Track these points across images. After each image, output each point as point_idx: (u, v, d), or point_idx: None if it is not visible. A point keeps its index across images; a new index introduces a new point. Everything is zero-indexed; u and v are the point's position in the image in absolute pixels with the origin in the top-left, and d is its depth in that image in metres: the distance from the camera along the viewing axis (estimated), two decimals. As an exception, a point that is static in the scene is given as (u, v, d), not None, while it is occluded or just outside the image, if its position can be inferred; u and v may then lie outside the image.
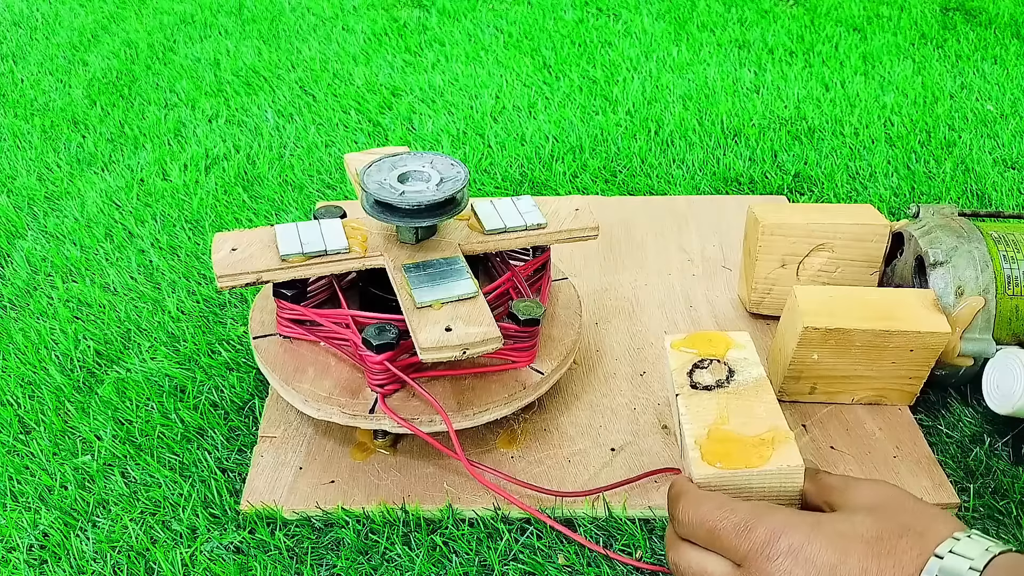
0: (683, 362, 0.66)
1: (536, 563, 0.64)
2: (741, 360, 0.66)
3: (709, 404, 0.63)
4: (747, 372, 0.65)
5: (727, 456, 0.58)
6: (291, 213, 1.03)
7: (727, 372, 0.65)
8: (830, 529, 0.50)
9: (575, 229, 0.75)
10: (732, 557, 0.52)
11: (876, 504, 0.52)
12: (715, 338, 0.68)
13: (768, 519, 0.51)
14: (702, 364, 0.66)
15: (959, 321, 0.74)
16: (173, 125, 1.21)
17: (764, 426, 0.60)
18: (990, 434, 0.76)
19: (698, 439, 0.60)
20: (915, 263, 0.80)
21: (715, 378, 0.65)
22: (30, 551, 0.65)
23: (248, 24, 1.53)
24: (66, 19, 1.53)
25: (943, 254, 0.75)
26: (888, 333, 0.71)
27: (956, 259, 0.75)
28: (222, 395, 0.77)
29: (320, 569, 0.63)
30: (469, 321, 0.63)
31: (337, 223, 0.73)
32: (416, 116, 1.24)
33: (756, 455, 0.58)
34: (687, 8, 1.61)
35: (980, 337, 0.74)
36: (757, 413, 0.62)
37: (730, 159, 1.15)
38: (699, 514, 0.54)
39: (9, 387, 0.78)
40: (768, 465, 0.57)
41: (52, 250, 0.95)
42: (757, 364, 0.66)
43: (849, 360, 0.74)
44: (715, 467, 0.57)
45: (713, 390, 0.64)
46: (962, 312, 0.73)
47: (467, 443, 0.72)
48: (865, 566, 0.47)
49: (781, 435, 0.60)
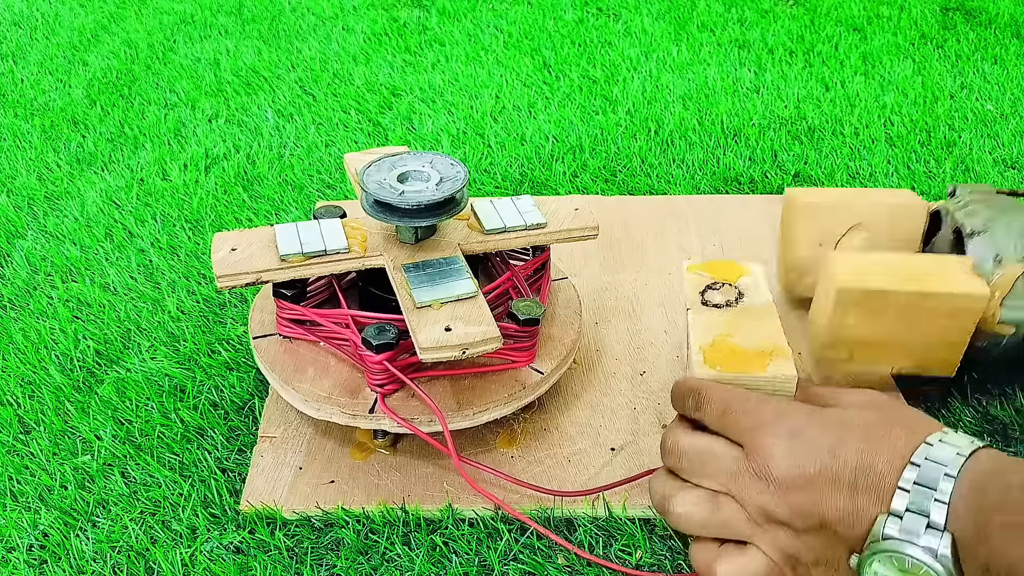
0: (697, 283, 0.72)
1: (536, 563, 0.64)
2: (751, 286, 0.72)
3: (717, 319, 0.68)
4: (755, 297, 0.70)
5: (727, 363, 0.64)
6: (291, 213, 1.03)
7: (736, 294, 0.71)
8: (829, 416, 0.55)
9: (575, 229, 0.75)
10: (737, 437, 0.57)
11: (869, 402, 0.57)
12: (729, 265, 0.74)
13: (775, 403, 0.57)
14: (714, 286, 0.72)
15: (999, 287, 0.72)
16: (173, 125, 1.21)
17: (765, 342, 0.65)
18: (990, 434, 0.76)
19: (703, 346, 0.65)
20: (953, 236, 0.79)
21: (725, 298, 0.70)
22: (30, 551, 0.65)
23: (248, 24, 1.53)
24: (66, 19, 1.53)
25: (981, 224, 0.74)
26: (924, 295, 0.70)
27: (994, 229, 0.74)
28: (222, 395, 0.77)
29: (320, 569, 0.63)
30: (469, 321, 0.63)
31: (337, 223, 0.73)
32: (416, 116, 1.24)
33: (755, 364, 0.64)
34: (687, 8, 1.61)
35: (1021, 304, 0.73)
36: (760, 332, 0.67)
37: (730, 159, 1.15)
38: (717, 392, 0.59)
39: (9, 387, 0.78)
40: (764, 373, 0.62)
41: (52, 250, 0.95)
42: (766, 292, 0.71)
43: (886, 326, 0.72)
44: (715, 370, 0.63)
45: (722, 308, 0.69)
46: (1002, 279, 0.72)
47: (467, 443, 0.72)
48: (861, 447, 0.52)
49: (780, 350, 0.65)
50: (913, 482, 0.50)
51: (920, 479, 0.49)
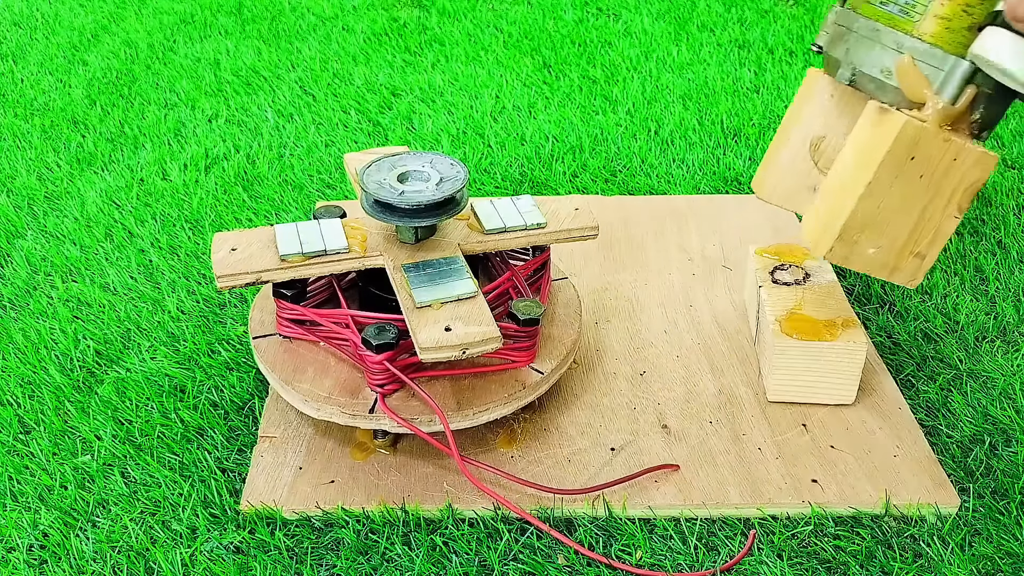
0: (765, 264, 0.82)
1: (536, 563, 0.63)
2: (817, 267, 0.81)
3: (788, 295, 0.78)
4: (821, 276, 0.80)
5: (802, 332, 0.74)
6: (291, 213, 1.03)
7: (804, 274, 0.80)
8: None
9: (575, 229, 0.75)
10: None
11: None
12: (795, 249, 0.84)
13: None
14: (783, 267, 0.82)
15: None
16: (173, 125, 1.21)
17: (834, 314, 0.76)
18: (990, 434, 0.76)
19: (778, 317, 0.75)
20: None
21: (794, 277, 0.80)
22: (30, 551, 0.65)
23: (248, 24, 1.53)
24: (66, 19, 1.53)
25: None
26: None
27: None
28: (222, 395, 0.77)
29: (320, 569, 0.63)
30: (469, 321, 0.63)
31: (337, 223, 0.73)
32: (416, 116, 1.24)
33: (827, 333, 0.74)
34: (687, 8, 1.61)
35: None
36: (828, 305, 0.76)
37: (730, 159, 1.15)
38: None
39: (9, 387, 0.78)
40: (837, 341, 0.73)
41: (52, 250, 0.95)
42: (830, 271, 0.80)
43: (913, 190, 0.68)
44: (792, 338, 0.73)
45: (791, 286, 0.79)
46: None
47: (467, 443, 0.72)
48: None
49: (850, 321, 0.74)
50: None
51: None
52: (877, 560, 0.64)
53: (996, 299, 0.90)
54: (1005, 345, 0.85)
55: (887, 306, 0.90)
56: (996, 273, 0.94)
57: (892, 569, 0.64)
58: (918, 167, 0.65)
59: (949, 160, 0.65)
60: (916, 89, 0.66)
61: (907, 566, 0.64)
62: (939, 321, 0.87)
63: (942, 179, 0.66)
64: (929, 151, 0.65)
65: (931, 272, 0.94)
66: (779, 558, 0.65)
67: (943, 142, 0.65)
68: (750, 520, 0.68)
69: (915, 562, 0.64)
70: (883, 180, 0.65)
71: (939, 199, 0.67)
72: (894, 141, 0.64)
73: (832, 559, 0.65)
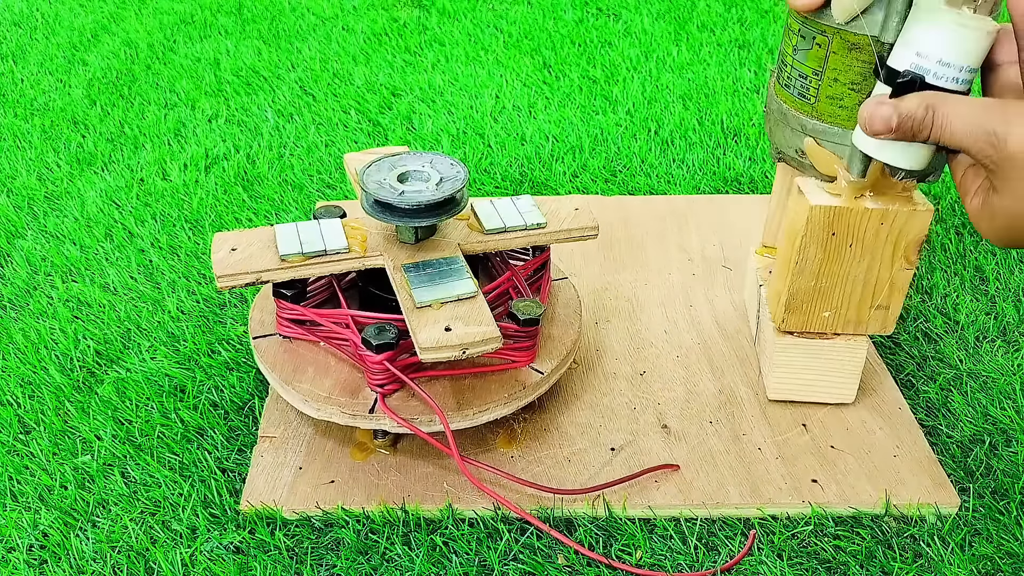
0: (765, 264, 0.82)
1: (536, 563, 0.63)
2: None
3: None
4: None
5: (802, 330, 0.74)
6: (291, 213, 1.03)
7: None
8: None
9: (575, 229, 0.75)
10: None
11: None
12: None
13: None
14: None
15: None
16: (173, 125, 1.21)
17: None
18: (990, 434, 0.76)
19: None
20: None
21: None
22: (30, 551, 0.65)
23: (248, 24, 1.53)
24: (66, 19, 1.53)
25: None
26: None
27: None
28: (222, 395, 0.77)
29: (320, 569, 0.63)
30: (469, 321, 0.63)
31: (337, 223, 0.73)
32: (416, 116, 1.24)
33: (825, 335, 0.74)
34: (687, 8, 1.61)
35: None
36: None
37: (730, 159, 1.15)
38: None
39: (9, 387, 0.78)
40: (835, 340, 0.73)
41: (52, 250, 0.95)
42: None
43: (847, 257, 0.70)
44: (792, 335, 0.74)
45: None
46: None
47: (467, 443, 0.72)
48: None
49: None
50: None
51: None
52: (877, 560, 0.64)
53: (996, 299, 0.90)
54: (1005, 345, 0.85)
55: (887, 306, 0.90)
56: (996, 273, 0.94)
57: (892, 569, 0.64)
58: (843, 239, 0.68)
59: (876, 225, 0.67)
60: (827, 167, 0.69)
61: (907, 566, 0.64)
62: (939, 321, 0.87)
63: (875, 243, 0.68)
64: (848, 223, 0.67)
65: (931, 272, 0.94)
66: (779, 558, 0.65)
67: (862, 212, 0.66)
68: (750, 520, 0.68)
69: (915, 562, 0.64)
70: (809, 258, 0.69)
71: (880, 260, 0.70)
72: (806, 224, 0.67)
73: (832, 559, 0.65)
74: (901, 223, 0.67)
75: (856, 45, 0.63)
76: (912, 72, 0.54)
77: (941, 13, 0.54)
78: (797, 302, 0.72)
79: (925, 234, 0.68)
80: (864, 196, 0.67)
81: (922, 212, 0.66)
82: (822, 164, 0.69)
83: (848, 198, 0.67)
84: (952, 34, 0.55)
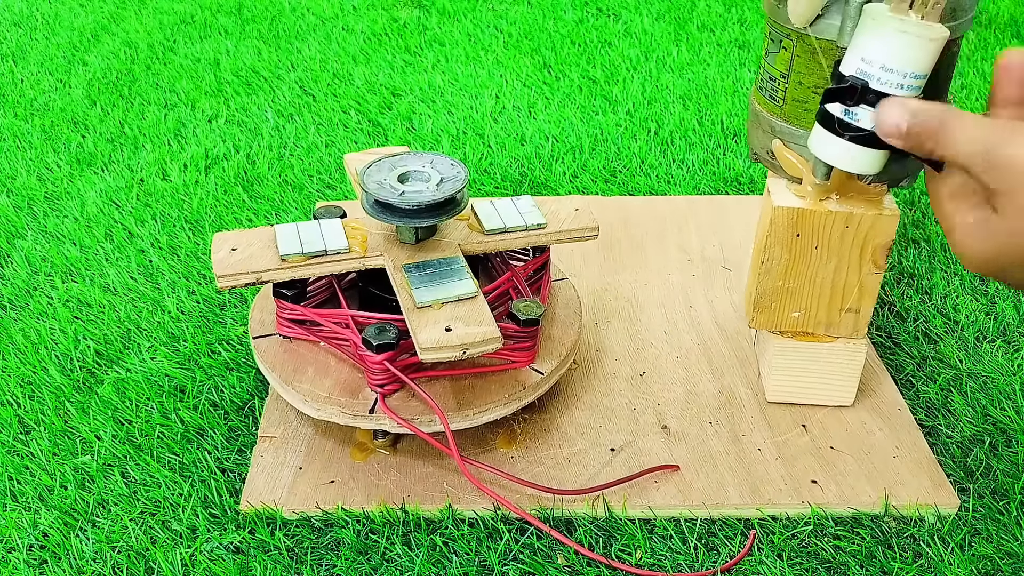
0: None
1: (536, 563, 0.64)
2: None
3: None
4: None
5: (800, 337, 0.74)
6: (291, 213, 1.03)
7: None
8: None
9: (575, 229, 0.75)
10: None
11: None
12: None
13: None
14: None
15: None
16: (173, 125, 1.21)
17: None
18: (990, 434, 0.76)
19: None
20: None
21: None
22: (30, 551, 0.65)
23: (248, 24, 1.53)
24: (66, 19, 1.53)
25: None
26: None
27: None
28: (222, 395, 0.77)
29: (320, 569, 0.63)
30: (469, 321, 0.63)
31: (337, 223, 0.73)
32: (416, 116, 1.24)
33: (823, 338, 0.74)
34: (687, 8, 1.61)
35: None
36: None
37: (730, 159, 1.15)
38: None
39: (9, 387, 0.78)
40: (836, 342, 0.73)
41: (52, 250, 0.95)
42: None
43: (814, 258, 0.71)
44: (791, 338, 0.73)
45: None
46: None
47: (467, 443, 0.72)
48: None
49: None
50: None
51: None
52: (877, 560, 0.65)
53: (996, 299, 0.90)
54: (1005, 345, 0.85)
55: (887, 306, 0.90)
56: (996, 273, 0.94)
57: (892, 569, 0.64)
58: (807, 241, 0.69)
59: (841, 228, 0.68)
60: (793, 169, 0.69)
61: (907, 566, 0.64)
62: (939, 321, 0.87)
63: (840, 246, 0.69)
64: (812, 225, 0.68)
65: (931, 272, 0.94)
66: (779, 558, 0.65)
67: (826, 215, 0.67)
68: (750, 521, 0.68)
69: (915, 562, 0.64)
70: (775, 257, 0.69)
71: (847, 262, 0.70)
72: (770, 225, 0.68)
73: (832, 559, 0.65)
74: (867, 227, 0.67)
75: (816, 50, 0.64)
76: (856, 77, 0.55)
77: (885, 19, 0.54)
78: (765, 301, 0.72)
79: (892, 238, 0.69)
80: (830, 199, 0.67)
81: (888, 216, 0.67)
82: (788, 166, 0.69)
83: (813, 200, 0.68)
84: (894, 40, 0.55)
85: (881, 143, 0.56)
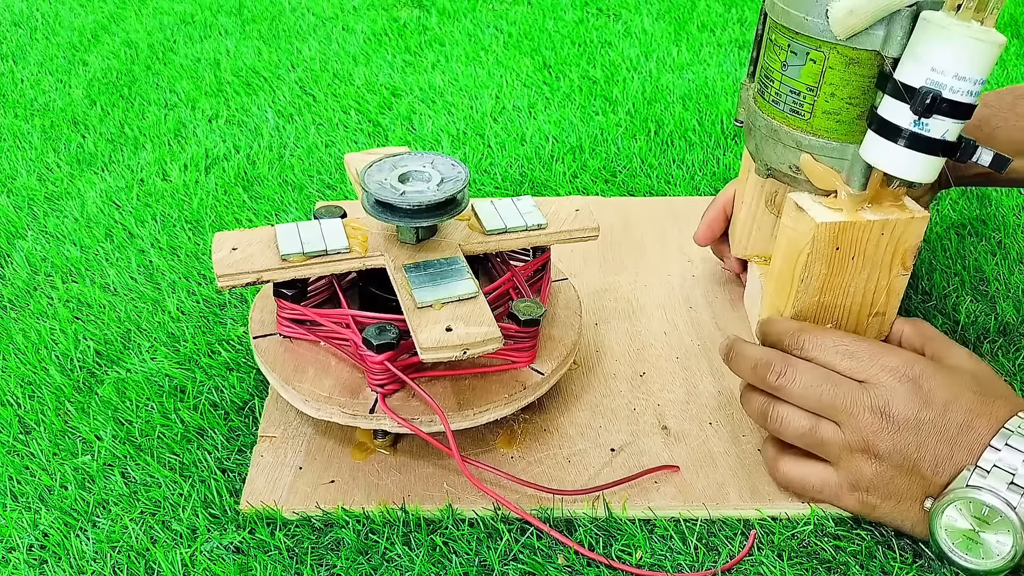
0: (765, 270, 0.80)
1: (536, 563, 0.64)
2: None
3: None
4: None
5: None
6: (291, 213, 1.03)
7: None
8: (947, 374, 0.61)
9: (575, 230, 0.75)
10: (862, 374, 0.61)
11: (975, 368, 0.63)
12: None
13: (899, 352, 0.63)
14: None
15: None
16: (173, 125, 1.21)
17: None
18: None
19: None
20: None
21: None
22: (30, 551, 0.65)
23: (248, 24, 1.53)
24: (66, 19, 1.53)
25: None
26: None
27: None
28: (222, 395, 0.77)
29: (320, 569, 0.63)
30: (469, 321, 0.64)
31: (337, 223, 0.73)
32: (416, 116, 1.24)
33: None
34: (687, 8, 1.61)
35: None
36: None
37: (730, 159, 1.15)
38: (832, 337, 0.65)
39: (9, 387, 0.78)
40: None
41: (52, 250, 0.95)
42: None
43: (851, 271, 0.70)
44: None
45: None
46: None
47: (467, 443, 0.72)
48: (969, 409, 0.59)
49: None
50: (1005, 443, 0.57)
51: (1012, 442, 0.57)
52: (877, 560, 0.65)
53: (996, 299, 0.91)
54: (1006, 345, 0.85)
55: (887, 307, 0.90)
56: (996, 273, 0.94)
57: (892, 569, 0.64)
58: (846, 253, 0.68)
59: (877, 236, 0.68)
60: (826, 182, 0.69)
61: (907, 566, 0.64)
62: (939, 321, 0.87)
63: (875, 253, 0.68)
64: (852, 237, 0.67)
65: (931, 272, 0.94)
66: (779, 558, 0.65)
67: (864, 225, 0.67)
68: (750, 521, 0.68)
69: (915, 562, 0.64)
70: (815, 275, 0.69)
71: (879, 268, 0.70)
72: (812, 242, 0.67)
73: (832, 559, 0.65)
74: (900, 231, 0.67)
75: (855, 60, 0.63)
76: (928, 88, 0.55)
77: (953, 27, 0.54)
78: (802, 318, 0.71)
79: (921, 239, 0.68)
80: (864, 208, 0.67)
81: (919, 219, 0.67)
82: (820, 179, 0.68)
83: (850, 212, 0.67)
84: (968, 48, 0.55)
85: (939, 149, 0.58)
